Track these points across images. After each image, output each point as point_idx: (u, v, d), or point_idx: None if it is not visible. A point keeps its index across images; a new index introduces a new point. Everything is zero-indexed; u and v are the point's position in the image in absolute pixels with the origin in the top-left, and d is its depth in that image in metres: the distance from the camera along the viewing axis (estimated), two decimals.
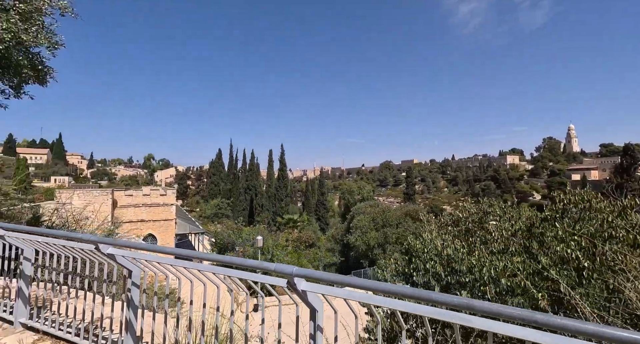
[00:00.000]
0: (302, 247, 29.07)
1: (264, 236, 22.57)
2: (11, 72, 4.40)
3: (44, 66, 4.79)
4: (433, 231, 6.10)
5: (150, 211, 25.49)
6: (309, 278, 1.74)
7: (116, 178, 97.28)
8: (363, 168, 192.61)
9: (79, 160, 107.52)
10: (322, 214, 59.35)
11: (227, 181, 70.17)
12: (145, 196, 25.47)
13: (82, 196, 22.57)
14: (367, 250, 26.36)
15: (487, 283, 3.93)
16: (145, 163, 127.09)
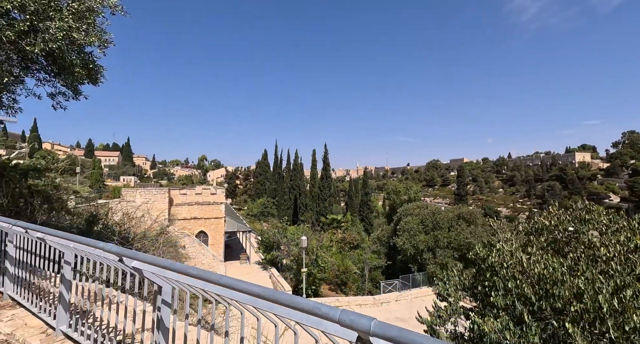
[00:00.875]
0: (346, 248, 28.40)
1: (308, 236, 22.40)
2: (67, 72, 4.52)
3: (95, 65, 4.88)
4: (511, 241, 5.05)
5: (202, 210, 26.83)
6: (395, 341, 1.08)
7: (174, 178, 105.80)
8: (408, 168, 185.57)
9: (143, 162, 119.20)
10: (366, 214, 58.04)
11: (272, 180, 72.10)
12: (198, 195, 26.88)
13: (143, 194, 24.52)
14: (416, 254, 24.81)
15: (606, 317, 2.94)
16: (199, 164, 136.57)
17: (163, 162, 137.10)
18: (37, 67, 5.30)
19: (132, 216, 7.98)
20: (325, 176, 48.42)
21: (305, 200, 56.99)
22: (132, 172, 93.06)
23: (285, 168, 70.70)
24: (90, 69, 4.85)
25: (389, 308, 20.79)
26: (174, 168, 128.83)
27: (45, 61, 4.73)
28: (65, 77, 4.76)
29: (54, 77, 4.86)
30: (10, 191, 6.91)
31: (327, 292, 23.41)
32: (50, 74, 5.37)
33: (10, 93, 5.20)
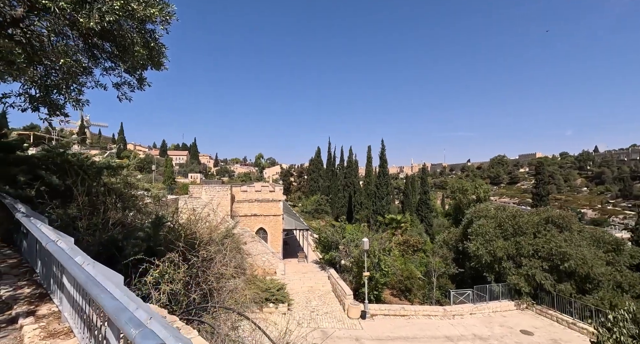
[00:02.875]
0: (409, 251, 26.28)
1: (369, 237, 20.98)
2: (127, 53, 3.95)
3: (156, 43, 4.26)
4: None
5: (261, 207, 27.11)
6: None
7: (234, 175, 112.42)
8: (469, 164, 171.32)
9: (208, 160, 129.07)
10: (425, 214, 54.30)
11: (326, 178, 71.85)
12: (257, 192, 27.23)
13: (208, 191, 25.57)
14: (493, 261, 21.71)
15: None
16: (256, 162, 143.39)
17: (224, 160, 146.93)
18: (104, 56, 4.82)
19: (199, 216, 7.56)
20: (382, 174, 46.21)
21: (360, 198, 55.37)
22: (198, 170, 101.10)
23: (338, 165, 69.88)
24: (151, 49, 4.24)
25: (462, 322, 18.40)
26: (233, 165, 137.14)
27: (105, 41, 4.21)
28: (127, 59, 4.19)
29: (117, 59, 4.34)
30: (86, 189, 6.88)
31: (390, 298, 21.77)
32: (115, 62, 4.86)
33: (79, 85, 4.82)
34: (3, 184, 6.21)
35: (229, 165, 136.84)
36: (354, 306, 18.61)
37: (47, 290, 4.11)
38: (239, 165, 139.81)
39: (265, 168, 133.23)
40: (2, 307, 3.76)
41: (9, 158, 6.29)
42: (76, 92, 4.68)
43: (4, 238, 6.56)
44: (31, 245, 5.21)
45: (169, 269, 5.25)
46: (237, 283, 6.44)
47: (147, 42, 4.14)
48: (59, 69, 4.53)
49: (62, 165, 6.81)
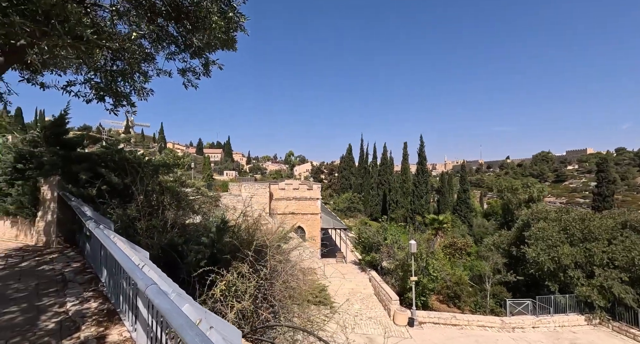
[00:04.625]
0: (456, 255, 24.49)
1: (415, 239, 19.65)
2: (203, 25, 3.30)
3: (235, 13, 3.55)
4: None
5: (299, 205, 26.64)
6: None
7: (266, 172, 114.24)
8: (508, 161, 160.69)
9: (240, 157, 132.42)
10: (464, 214, 51.37)
11: (358, 175, 70.55)
12: (295, 190, 26.79)
13: (248, 188, 25.54)
14: (557, 269, 19.46)
15: None
16: (286, 159, 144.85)
17: (256, 157, 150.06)
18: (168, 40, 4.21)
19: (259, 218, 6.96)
20: (421, 172, 44.11)
21: (396, 196, 53.47)
22: (232, 167, 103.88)
23: (371, 162, 68.24)
24: (229, 20, 3.56)
25: (525, 336, 16.59)
26: (265, 163, 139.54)
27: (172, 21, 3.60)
28: (201, 35, 3.53)
29: (187, 37, 3.71)
30: (144, 188, 6.50)
31: (438, 305, 20.29)
32: (180, 45, 4.24)
33: (142, 75, 4.27)
34: (66, 182, 5.94)
35: (261, 163, 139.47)
36: (401, 312, 17.47)
37: (115, 306, 3.57)
38: (270, 163, 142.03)
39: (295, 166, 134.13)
40: (69, 326, 3.25)
41: (71, 156, 6.01)
42: (141, 79, 4.16)
43: (66, 238, 6.33)
44: (95, 249, 4.82)
45: (237, 281, 4.64)
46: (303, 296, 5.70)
47: (224, 11, 3.46)
48: (122, 55, 3.99)
49: (121, 163, 6.46)
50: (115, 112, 4.05)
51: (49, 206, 6.27)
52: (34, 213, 6.42)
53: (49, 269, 5.01)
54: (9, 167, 6.29)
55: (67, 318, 3.42)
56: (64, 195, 5.69)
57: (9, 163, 6.29)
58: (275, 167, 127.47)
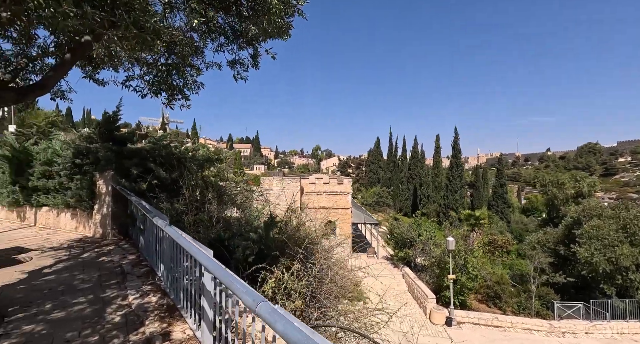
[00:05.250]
0: (496, 253, 23.22)
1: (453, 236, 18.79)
2: (263, 9, 3.11)
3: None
4: None
5: (330, 199, 26.50)
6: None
7: (294, 167, 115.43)
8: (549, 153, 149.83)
9: (268, 152, 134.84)
10: (501, 209, 48.64)
11: (387, 169, 69.19)
12: (325, 184, 26.66)
13: (278, 183, 25.76)
14: (614, 271, 17.80)
15: None
16: (313, 154, 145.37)
17: (283, 152, 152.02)
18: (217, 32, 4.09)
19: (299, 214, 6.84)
20: (455, 165, 42.20)
21: (427, 191, 51.79)
22: (261, 161, 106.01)
23: (400, 156, 66.52)
24: (286, 3, 3.34)
25: (577, 342, 15.37)
26: (292, 157, 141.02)
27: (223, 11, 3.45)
28: (258, 20, 3.35)
29: (244, 20, 3.54)
30: (190, 182, 6.59)
31: (477, 304, 19.38)
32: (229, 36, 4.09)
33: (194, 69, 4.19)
34: (119, 177, 6.14)
35: (288, 157, 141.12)
36: (438, 311, 16.87)
37: (174, 302, 3.56)
38: (297, 157, 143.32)
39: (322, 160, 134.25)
40: (134, 320, 3.27)
41: (122, 151, 6.19)
42: (194, 72, 4.10)
43: (120, 230, 6.58)
44: (148, 243, 4.91)
45: (289, 280, 4.53)
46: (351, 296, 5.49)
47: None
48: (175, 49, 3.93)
49: (167, 158, 6.57)
50: (171, 106, 4.03)
51: (104, 200, 6.53)
52: (91, 206, 6.73)
53: (107, 260, 5.18)
54: (69, 162, 6.63)
55: (131, 311, 3.45)
56: (122, 189, 5.88)
57: (69, 158, 6.62)
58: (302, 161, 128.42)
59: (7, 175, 8.02)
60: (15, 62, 4.17)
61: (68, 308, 3.48)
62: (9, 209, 8.57)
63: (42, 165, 7.18)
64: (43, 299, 3.66)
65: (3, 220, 8.70)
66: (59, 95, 4.43)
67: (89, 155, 6.47)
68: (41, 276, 4.40)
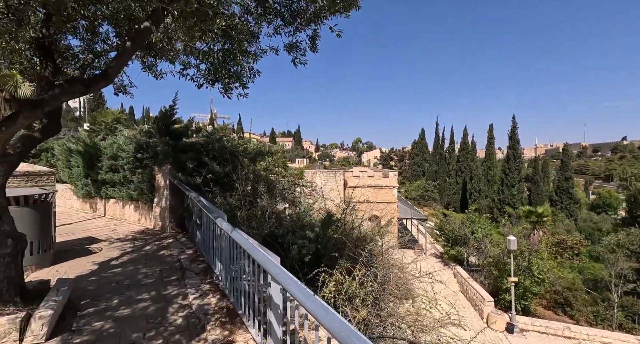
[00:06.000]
0: (565, 255, 20.70)
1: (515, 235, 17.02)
2: None
3: None
4: None
5: (374, 193, 25.70)
6: None
7: (334, 160, 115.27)
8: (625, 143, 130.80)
9: (309, 145, 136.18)
10: (566, 205, 43.59)
11: (432, 162, 65.89)
12: (370, 178, 25.87)
13: (322, 176, 25.56)
14: None
15: None
16: (354, 146, 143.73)
17: (324, 145, 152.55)
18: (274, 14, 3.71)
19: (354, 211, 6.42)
20: (512, 157, 38.47)
21: (479, 185, 48.19)
22: (302, 155, 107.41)
23: (447, 148, 62.78)
24: None
25: None
26: (333, 150, 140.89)
27: None
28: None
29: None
30: (243, 176, 6.48)
31: (542, 311, 17.49)
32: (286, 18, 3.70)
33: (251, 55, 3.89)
34: (176, 171, 6.20)
35: (328, 150, 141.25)
36: (497, 315, 15.46)
37: (234, 306, 3.34)
38: (337, 150, 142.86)
39: (363, 153, 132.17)
40: (195, 324, 3.10)
41: (178, 145, 6.23)
42: (251, 58, 3.82)
43: (177, 223, 6.70)
44: (205, 239, 4.83)
45: (350, 284, 4.14)
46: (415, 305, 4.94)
47: None
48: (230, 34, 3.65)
49: (221, 152, 6.50)
50: (228, 95, 3.80)
51: (163, 193, 6.69)
52: (151, 199, 6.96)
53: (167, 254, 5.23)
54: (131, 157, 6.90)
55: (192, 313, 3.30)
56: (179, 183, 5.93)
57: (131, 153, 6.90)
58: (343, 154, 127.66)
59: (80, 169, 8.69)
60: (82, 58, 4.23)
61: (133, 304, 3.44)
62: (83, 200, 9.34)
63: (109, 160, 7.61)
64: (111, 294, 3.69)
65: (79, 210, 9.52)
66: (122, 90, 4.47)
67: (149, 149, 6.65)
68: (109, 269, 4.52)
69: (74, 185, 9.34)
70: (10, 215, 3.21)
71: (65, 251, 5.23)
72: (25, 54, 3.84)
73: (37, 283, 3.42)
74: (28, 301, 3.06)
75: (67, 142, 9.37)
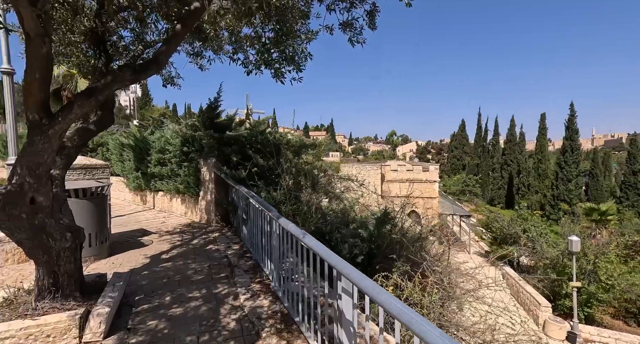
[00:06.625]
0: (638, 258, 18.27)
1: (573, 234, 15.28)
2: None
3: None
4: None
5: (414, 188, 24.62)
6: None
7: (368, 153, 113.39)
8: None
9: (342, 139, 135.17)
10: (632, 202, 38.85)
11: (474, 155, 62.17)
12: (409, 171, 24.82)
13: (358, 169, 24.99)
14: None
15: None
16: (388, 139, 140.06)
17: (357, 138, 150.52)
18: None
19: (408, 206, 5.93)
20: (570, 149, 34.79)
21: (528, 180, 44.51)
22: (335, 148, 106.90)
23: (491, 140, 58.68)
24: None
25: None
26: (366, 144, 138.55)
27: None
28: None
29: None
30: (287, 170, 6.25)
31: (611, 321, 15.64)
32: None
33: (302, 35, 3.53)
34: (221, 164, 6.11)
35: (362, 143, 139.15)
36: (556, 322, 14.05)
37: (288, 310, 3.07)
38: (371, 143, 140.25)
39: (398, 146, 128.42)
40: (249, 329, 2.88)
41: (223, 138, 6.13)
42: (304, 38, 3.48)
43: (222, 216, 6.67)
44: (252, 235, 4.65)
45: (413, 291, 3.71)
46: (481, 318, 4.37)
47: None
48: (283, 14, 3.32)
49: (264, 145, 6.30)
50: (281, 80, 3.50)
51: (208, 187, 6.67)
52: (197, 193, 7.00)
53: (214, 249, 5.15)
54: (178, 150, 6.98)
55: (245, 316, 3.09)
56: (225, 177, 5.85)
57: (178, 146, 6.97)
58: (377, 148, 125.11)
59: (132, 162, 9.07)
60: (133, 50, 4.17)
61: (185, 303, 3.32)
62: (135, 193, 9.79)
63: (157, 153, 7.80)
64: (163, 290, 3.61)
65: (131, 202, 10.01)
66: (170, 81, 4.39)
67: (194, 142, 6.66)
68: (160, 262, 4.51)
69: (126, 178, 9.81)
70: (70, 208, 3.20)
71: (120, 243, 5.36)
72: (80, 47, 3.83)
73: (95, 276, 3.41)
74: (86, 295, 3.03)
75: (119, 137, 9.84)
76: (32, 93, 2.31)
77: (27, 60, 2.20)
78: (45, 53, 2.20)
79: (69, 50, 3.72)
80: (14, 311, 2.64)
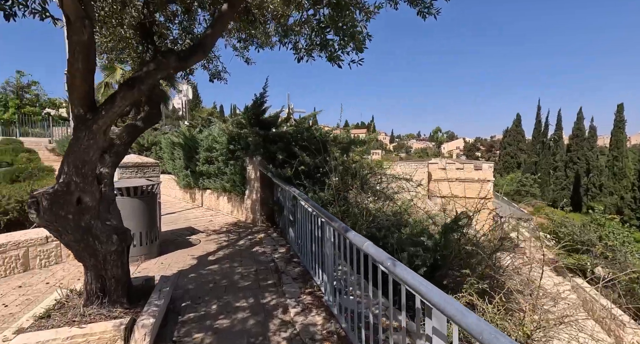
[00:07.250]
0: None
1: None
2: None
3: None
4: None
5: (464, 187, 22.82)
6: None
7: (411, 151, 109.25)
8: None
9: (383, 137, 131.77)
10: None
11: (531, 152, 56.51)
12: (458, 170, 23.07)
13: (403, 168, 23.82)
14: None
15: None
16: (433, 136, 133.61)
17: (399, 136, 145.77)
18: None
19: None
20: None
21: (600, 179, 39.24)
22: (376, 146, 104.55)
23: (553, 135, 52.77)
24: None
25: None
26: (409, 141, 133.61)
27: None
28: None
29: None
30: (336, 169, 5.83)
31: None
32: None
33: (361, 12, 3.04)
34: (267, 162, 5.88)
35: (404, 141, 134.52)
36: None
37: (346, 333, 2.63)
38: (414, 141, 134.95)
39: (443, 143, 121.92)
40: None
41: (268, 135, 5.88)
42: (364, 15, 3.00)
43: (267, 216, 6.46)
44: (300, 239, 4.31)
45: (496, 316, 3.07)
46: None
47: None
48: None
49: (311, 141, 5.93)
50: (338, 64, 3.05)
51: (254, 186, 6.50)
52: (242, 191, 6.89)
53: (261, 251, 4.91)
54: (224, 148, 6.93)
55: (296, 335, 2.71)
56: (272, 176, 5.61)
57: (224, 144, 6.92)
58: (420, 145, 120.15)
59: (182, 161, 9.33)
60: (181, 43, 4.03)
61: (232, 314, 3.04)
62: (184, 190, 10.10)
63: (205, 152, 7.87)
64: (209, 296, 3.39)
65: (180, 199, 10.35)
66: (217, 76, 4.23)
67: (240, 140, 6.53)
68: (207, 265, 4.35)
69: (176, 176, 10.15)
70: (117, 208, 3.08)
71: (169, 241, 5.36)
72: (131, 42, 3.75)
73: (143, 280, 3.29)
74: (134, 300, 2.88)
75: (171, 136, 10.21)
76: (75, 84, 2.13)
77: (69, 48, 2.02)
78: (86, 39, 2.00)
79: (121, 45, 3.65)
80: (64, 316, 2.55)
